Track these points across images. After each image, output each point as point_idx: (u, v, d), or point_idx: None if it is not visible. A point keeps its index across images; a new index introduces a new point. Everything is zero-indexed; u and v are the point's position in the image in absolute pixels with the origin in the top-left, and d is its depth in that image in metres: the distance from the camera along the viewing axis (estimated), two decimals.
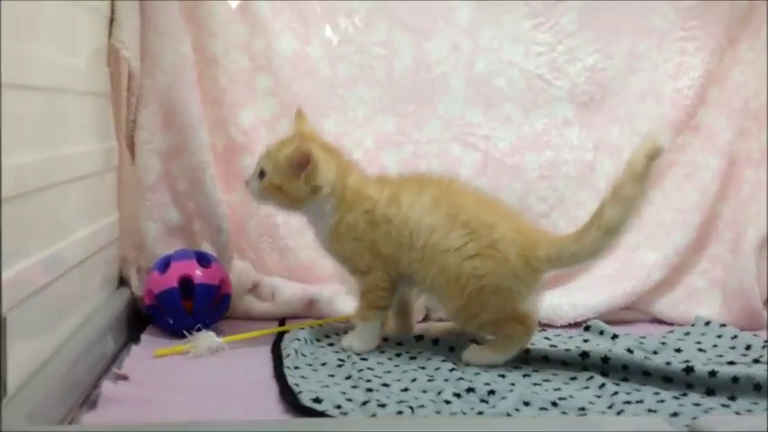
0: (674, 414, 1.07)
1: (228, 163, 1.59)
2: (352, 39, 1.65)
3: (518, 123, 1.68)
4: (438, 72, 1.66)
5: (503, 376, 1.22)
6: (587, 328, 1.48)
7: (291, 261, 1.61)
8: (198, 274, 1.42)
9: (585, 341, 1.41)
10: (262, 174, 1.31)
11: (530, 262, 1.25)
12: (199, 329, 1.36)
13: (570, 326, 1.52)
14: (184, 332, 1.35)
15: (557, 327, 1.51)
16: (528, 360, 1.28)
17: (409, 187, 1.31)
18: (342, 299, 1.54)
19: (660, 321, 1.59)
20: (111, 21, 1.44)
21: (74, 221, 1.26)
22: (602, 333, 1.44)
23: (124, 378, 1.19)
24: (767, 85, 1.63)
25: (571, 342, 1.40)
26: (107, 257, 1.46)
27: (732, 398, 1.14)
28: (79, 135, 1.31)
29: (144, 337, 1.40)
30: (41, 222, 1.11)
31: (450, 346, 1.33)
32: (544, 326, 1.51)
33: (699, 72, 1.65)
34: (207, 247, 1.53)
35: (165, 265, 1.44)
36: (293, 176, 1.29)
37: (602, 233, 1.21)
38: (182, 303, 1.41)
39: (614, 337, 1.41)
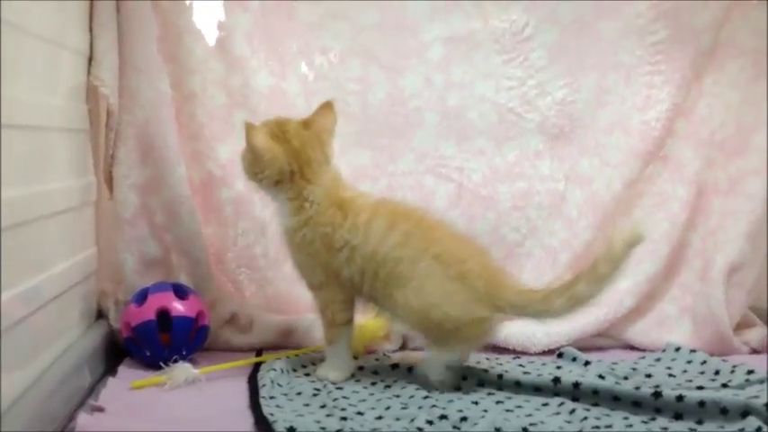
0: None
1: (206, 196, 1.61)
2: (328, 75, 1.68)
3: (490, 155, 1.70)
4: (412, 107, 1.69)
5: (476, 403, 1.24)
6: (560, 355, 1.50)
7: (269, 292, 1.62)
8: (175, 306, 1.43)
9: (558, 368, 1.42)
10: None
11: (494, 300, 1.28)
12: (176, 361, 1.37)
13: (544, 353, 1.54)
14: (161, 364, 1.36)
15: (531, 354, 1.54)
16: (501, 386, 1.30)
17: (381, 219, 1.31)
18: (319, 329, 1.55)
19: (632, 347, 1.61)
20: (90, 59, 1.47)
21: (52, 255, 1.28)
22: (574, 360, 1.46)
23: (100, 410, 1.19)
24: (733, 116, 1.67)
25: (544, 369, 1.41)
26: (85, 290, 1.47)
27: (699, 422, 1.16)
28: (58, 171, 1.33)
29: (121, 369, 1.41)
30: (21, 256, 1.12)
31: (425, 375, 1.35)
32: (518, 353, 1.53)
33: (666, 105, 1.68)
34: (185, 280, 1.54)
35: (142, 297, 1.45)
36: (246, 152, 1.33)
37: (571, 303, 1.27)
38: (159, 336, 1.42)
39: (587, 363, 1.43)
